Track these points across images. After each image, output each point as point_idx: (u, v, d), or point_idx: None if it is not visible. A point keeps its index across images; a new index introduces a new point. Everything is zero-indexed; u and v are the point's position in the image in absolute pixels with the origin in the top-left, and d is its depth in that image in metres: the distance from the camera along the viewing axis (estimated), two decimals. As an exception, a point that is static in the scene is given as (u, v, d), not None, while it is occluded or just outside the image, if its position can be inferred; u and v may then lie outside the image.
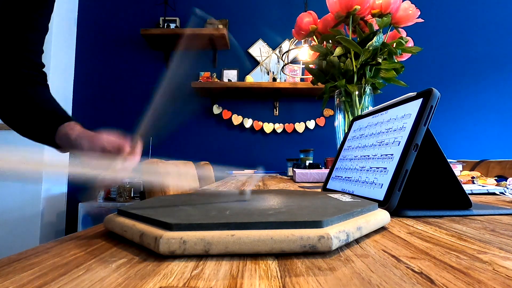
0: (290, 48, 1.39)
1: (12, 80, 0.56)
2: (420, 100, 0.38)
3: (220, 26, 2.35)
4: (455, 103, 2.38)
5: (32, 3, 0.55)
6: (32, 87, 0.57)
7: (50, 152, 0.55)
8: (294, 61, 1.60)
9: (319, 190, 0.62)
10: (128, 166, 0.50)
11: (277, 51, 2.44)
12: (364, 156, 0.47)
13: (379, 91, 0.95)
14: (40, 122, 0.55)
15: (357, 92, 0.87)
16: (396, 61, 0.89)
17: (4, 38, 0.55)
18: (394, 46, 0.87)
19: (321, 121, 2.37)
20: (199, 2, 2.49)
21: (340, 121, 0.92)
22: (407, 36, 0.93)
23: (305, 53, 1.28)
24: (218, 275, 0.17)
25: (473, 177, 0.76)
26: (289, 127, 2.37)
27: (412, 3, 0.90)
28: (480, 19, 2.43)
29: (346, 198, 0.33)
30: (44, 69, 0.62)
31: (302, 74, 2.07)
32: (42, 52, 0.61)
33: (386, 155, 0.40)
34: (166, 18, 2.38)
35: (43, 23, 0.59)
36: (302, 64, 1.49)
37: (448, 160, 0.37)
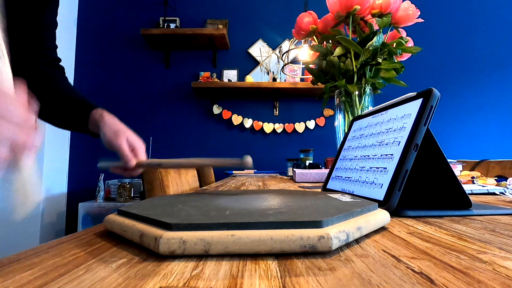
0: (290, 48, 1.39)
1: (33, 79, 0.57)
2: (420, 100, 0.38)
3: (220, 26, 2.35)
4: (455, 103, 2.38)
5: (41, 1, 0.56)
6: (55, 82, 0.60)
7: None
8: (294, 61, 1.60)
9: (319, 190, 0.62)
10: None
11: (277, 51, 2.44)
12: (364, 156, 0.47)
13: (379, 91, 0.95)
14: (73, 113, 0.58)
15: (357, 92, 0.87)
16: (396, 61, 0.89)
17: (20, 38, 0.55)
18: (394, 46, 0.87)
19: (321, 121, 2.37)
20: (199, 2, 2.49)
21: (340, 121, 0.92)
22: (407, 36, 0.93)
23: (305, 53, 1.28)
24: (218, 275, 0.17)
25: (473, 177, 0.76)
26: (289, 127, 2.37)
27: (412, 3, 0.90)
28: (480, 19, 2.43)
29: (346, 198, 0.33)
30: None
31: (302, 74, 2.07)
32: (57, 47, 0.63)
33: (386, 155, 0.40)
34: (166, 18, 2.38)
35: (53, 18, 0.60)
36: (302, 64, 1.49)
37: (448, 160, 0.37)
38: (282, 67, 1.64)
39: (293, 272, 0.17)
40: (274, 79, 2.30)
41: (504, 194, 0.56)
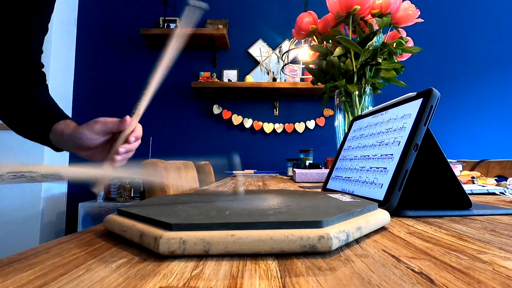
0: (290, 48, 1.39)
1: (11, 80, 0.56)
2: (420, 100, 0.38)
3: (220, 26, 2.35)
4: (455, 103, 2.38)
5: (32, 3, 0.56)
6: (31, 87, 0.57)
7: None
8: (294, 61, 1.60)
9: (319, 190, 0.62)
10: (132, 147, 0.51)
11: (277, 51, 2.44)
12: (364, 156, 0.47)
13: (379, 91, 0.95)
14: (36, 120, 0.55)
15: (357, 92, 0.87)
16: (396, 61, 0.89)
17: (4, 38, 0.55)
18: (394, 46, 0.87)
19: (321, 121, 2.37)
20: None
21: (340, 121, 0.92)
22: (407, 36, 0.93)
23: (305, 53, 1.28)
24: (218, 275, 0.17)
25: (473, 177, 0.76)
26: (289, 127, 2.37)
27: (412, 3, 0.90)
28: (480, 19, 2.43)
29: (346, 198, 0.33)
30: (43, 69, 0.62)
31: (302, 74, 2.07)
32: (42, 52, 0.61)
33: (386, 155, 0.40)
34: (166, 18, 2.38)
35: (43, 23, 0.59)
36: (302, 64, 1.49)
37: (448, 160, 0.37)
38: (282, 67, 1.64)
39: (293, 272, 0.17)
40: (274, 79, 2.30)
41: (504, 194, 0.56)
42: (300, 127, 2.37)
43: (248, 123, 2.36)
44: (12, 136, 2.05)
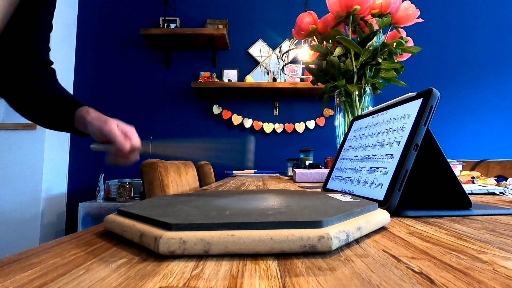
0: (290, 48, 1.39)
1: (23, 79, 0.57)
2: (420, 100, 0.38)
3: (220, 26, 2.35)
4: (455, 103, 2.38)
5: (36, 2, 0.56)
6: (43, 83, 0.59)
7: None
8: (294, 61, 1.60)
9: (319, 190, 0.62)
10: (120, 160, 0.54)
11: (277, 51, 2.44)
12: (364, 156, 0.47)
13: (379, 91, 0.95)
14: (58, 111, 0.57)
15: (357, 92, 0.87)
16: (396, 61, 0.89)
17: (12, 39, 0.55)
18: (394, 46, 0.87)
19: (321, 121, 2.37)
20: (199, 2, 2.49)
21: (340, 121, 0.92)
22: (407, 36, 0.93)
23: (305, 53, 1.28)
24: (218, 275, 0.17)
25: (473, 177, 0.76)
26: (289, 127, 2.37)
27: (412, 3, 0.90)
28: (479, 19, 2.43)
29: (346, 198, 0.33)
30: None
31: (302, 74, 2.07)
32: (49, 50, 0.62)
33: (386, 155, 0.40)
34: (166, 18, 2.38)
35: (47, 21, 0.60)
36: (302, 64, 1.49)
37: (448, 160, 0.37)
38: (282, 67, 1.64)
39: (293, 272, 0.17)
40: (274, 79, 2.30)
41: (504, 194, 0.56)
42: (300, 127, 2.37)
43: (248, 123, 2.36)
44: (12, 136, 2.05)
